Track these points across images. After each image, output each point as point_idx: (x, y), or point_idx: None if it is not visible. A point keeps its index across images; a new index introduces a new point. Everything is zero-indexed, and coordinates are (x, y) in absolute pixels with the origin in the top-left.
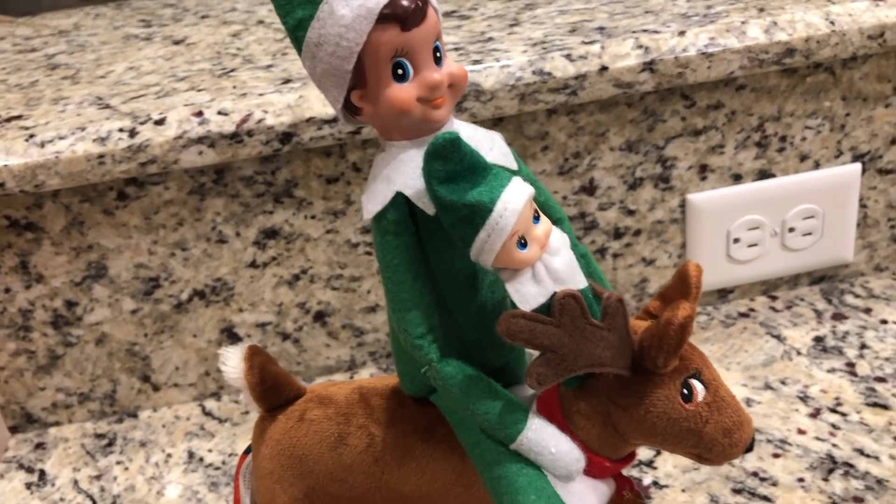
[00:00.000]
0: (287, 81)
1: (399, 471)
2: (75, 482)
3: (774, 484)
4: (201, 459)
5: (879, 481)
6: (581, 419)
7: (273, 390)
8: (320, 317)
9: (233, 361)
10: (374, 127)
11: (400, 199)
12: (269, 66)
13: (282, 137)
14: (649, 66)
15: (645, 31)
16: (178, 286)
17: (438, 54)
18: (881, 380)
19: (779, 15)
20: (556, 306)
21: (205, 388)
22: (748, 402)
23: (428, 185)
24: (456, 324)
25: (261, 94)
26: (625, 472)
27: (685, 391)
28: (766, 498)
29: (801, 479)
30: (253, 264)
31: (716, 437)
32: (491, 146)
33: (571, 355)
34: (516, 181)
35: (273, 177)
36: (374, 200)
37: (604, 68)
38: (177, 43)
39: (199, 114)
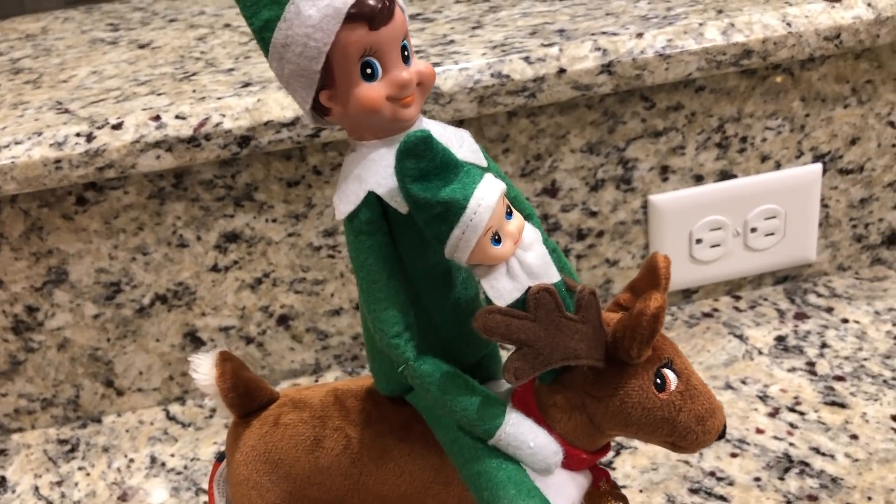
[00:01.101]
0: (246, 85)
1: (377, 471)
2: (36, 489)
3: (731, 483)
4: (163, 464)
5: (834, 479)
6: (557, 412)
7: (246, 396)
8: (284, 320)
9: (204, 368)
10: (344, 127)
11: (372, 199)
12: (231, 69)
13: (240, 141)
14: (607, 69)
15: (604, 33)
16: (139, 291)
17: (406, 53)
18: (840, 378)
19: (736, 16)
20: (531, 301)
21: (169, 393)
22: None
23: (401, 184)
24: (431, 321)
25: (219, 98)
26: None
27: (658, 381)
28: (722, 497)
29: (757, 479)
30: (215, 268)
31: (689, 424)
32: (461, 144)
33: (547, 349)
34: (489, 178)
35: (233, 180)
36: (346, 201)
37: (562, 70)
38: (142, 47)
39: (157, 118)
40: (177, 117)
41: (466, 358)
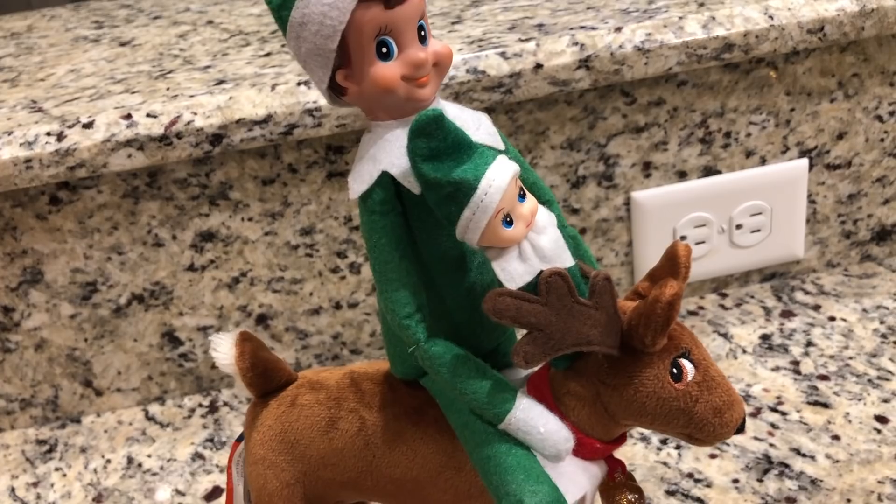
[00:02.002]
0: (220, 83)
1: (390, 454)
2: (12, 490)
3: (709, 485)
4: (140, 465)
5: (813, 481)
6: (571, 400)
7: (264, 376)
8: (262, 319)
9: (224, 347)
10: (360, 107)
11: (386, 179)
12: (207, 67)
13: (212, 139)
14: (585, 64)
15: (582, 27)
16: (116, 290)
17: (423, 33)
18: (824, 378)
19: (717, 10)
20: (543, 284)
21: (148, 393)
22: None
23: (412, 163)
24: (445, 305)
25: (191, 96)
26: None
27: (675, 370)
28: (699, 500)
29: (735, 480)
30: (191, 268)
31: (706, 416)
32: (477, 126)
33: (559, 334)
34: (501, 159)
35: (207, 179)
36: (359, 180)
37: (538, 66)
38: (123, 44)
39: (128, 116)
40: (148, 115)
41: (482, 344)
